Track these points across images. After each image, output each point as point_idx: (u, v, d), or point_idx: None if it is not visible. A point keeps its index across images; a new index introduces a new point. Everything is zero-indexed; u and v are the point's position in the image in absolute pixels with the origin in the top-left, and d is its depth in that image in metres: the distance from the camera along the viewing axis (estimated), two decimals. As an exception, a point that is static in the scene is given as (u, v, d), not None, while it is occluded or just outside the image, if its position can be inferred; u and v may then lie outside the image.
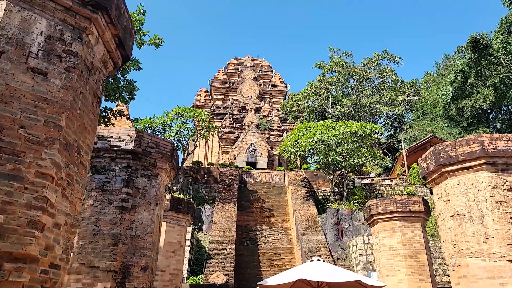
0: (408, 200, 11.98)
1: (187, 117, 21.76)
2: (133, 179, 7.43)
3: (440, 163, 8.00)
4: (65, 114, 3.62)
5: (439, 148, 8.13)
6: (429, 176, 8.49)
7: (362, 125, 19.32)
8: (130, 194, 7.28)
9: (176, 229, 11.91)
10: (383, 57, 35.04)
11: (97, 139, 7.45)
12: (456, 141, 7.95)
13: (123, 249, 6.91)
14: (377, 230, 12.30)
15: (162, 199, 8.14)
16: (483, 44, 21.87)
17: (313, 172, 25.12)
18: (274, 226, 21.14)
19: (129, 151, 7.40)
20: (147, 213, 7.47)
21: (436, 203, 8.41)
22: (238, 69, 46.79)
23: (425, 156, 8.69)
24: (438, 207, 8.31)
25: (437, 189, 8.40)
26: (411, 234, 11.67)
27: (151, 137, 7.74)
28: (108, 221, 7.03)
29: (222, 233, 18.33)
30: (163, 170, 7.96)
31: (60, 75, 3.70)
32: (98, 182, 7.31)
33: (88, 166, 4.18)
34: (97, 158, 7.46)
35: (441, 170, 8.04)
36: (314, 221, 19.13)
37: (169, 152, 7.95)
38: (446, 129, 29.79)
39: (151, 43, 26.41)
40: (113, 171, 7.41)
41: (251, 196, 23.23)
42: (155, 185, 7.77)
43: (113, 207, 7.14)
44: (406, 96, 32.28)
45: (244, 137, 33.11)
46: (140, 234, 7.23)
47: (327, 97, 35.93)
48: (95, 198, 7.20)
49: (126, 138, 7.47)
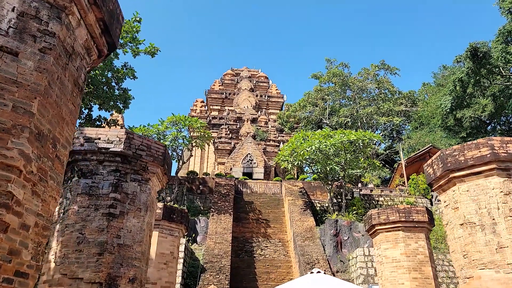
0: (411, 210, 11.53)
1: (182, 125, 21.32)
2: (122, 183, 6.94)
3: (447, 168, 7.58)
4: (37, 99, 3.18)
5: (446, 152, 7.72)
6: (436, 182, 8.06)
7: (361, 133, 18.95)
8: (119, 199, 6.79)
9: (169, 240, 11.35)
10: (380, 68, 34.94)
11: (84, 140, 6.98)
12: (464, 145, 7.56)
13: (110, 258, 6.39)
14: (379, 241, 11.81)
15: (153, 206, 7.64)
16: (482, 53, 21.72)
17: (311, 183, 24.64)
18: (271, 237, 20.56)
19: (118, 153, 6.92)
20: (137, 220, 6.96)
21: (444, 211, 7.96)
22: (235, 80, 46.62)
23: (431, 162, 8.26)
24: (446, 215, 7.86)
25: (444, 196, 7.96)
26: (415, 245, 11.19)
27: (142, 139, 7.27)
28: (94, 228, 6.52)
29: (217, 244, 17.73)
30: (155, 175, 7.48)
31: (34, 56, 3.27)
32: (84, 187, 6.81)
33: (65, 161, 3.71)
34: (84, 161, 6.98)
35: (449, 175, 7.62)
36: (312, 233, 18.58)
37: (161, 155, 7.48)
38: (444, 140, 29.54)
39: (147, 51, 26.12)
40: (101, 175, 6.92)
41: (247, 207, 22.68)
42: (145, 190, 7.28)
43: (100, 213, 6.64)
44: (404, 107, 32.06)
45: (240, 148, 32.67)
46: (129, 243, 6.71)
47: (324, 108, 35.68)
48: (80, 203, 6.70)
49: (115, 140, 7.00)
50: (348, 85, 34.52)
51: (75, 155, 6.98)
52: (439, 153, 7.91)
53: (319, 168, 19.80)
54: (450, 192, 7.77)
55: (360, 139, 18.63)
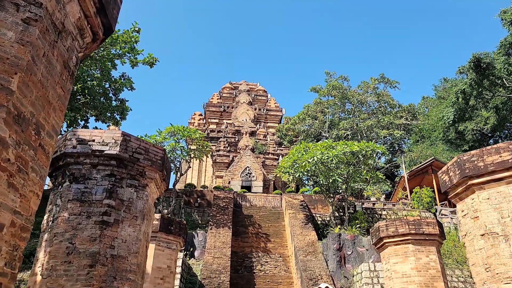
0: (422, 222, 11.00)
1: (180, 136, 20.82)
2: (117, 189, 6.41)
3: (465, 175, 7.09)
4: (18, 75, 2.71)
5: (463, 158, 7.25)
6: (452, 190, 7.57)
7: (364, 144, 18.50)
8: (113, 206, 6.25)
9: (166, 253, 10.74)
10: (379, 81, 34.77)
11: (76, 142, 6.48)
12: (483, 150, 7.10)
13: (102, 271, 5.81)
14: (387, 254, 11.23)
15: (150, 214, 7.10)
16: (485, 64, 21.52)
17: (311, 196, 24.06)
18: (271, 252, 19.87)
19: (113, 156, 6.42)
20: (132, 229, 6.41)
21: (462, 220, 7.45)
22: (233, 94, 46.42)
23: (446, 169, 7.78)
24: (465, 225, 7.34)
25: (462, 205, 7.46)
26: (426, 259, 10.61)
27: (139, 142, 6.77)
28: (86, 237, 5.96)
29: (215, 259, 17.04)
30: (152, 181, 6.96)
31: (16, 26, 2.81)
32: (76, 193, 6.28)
33: (51, 152, 3.20)
34: (76, 164, 6.46)
35: (467, 182, 7.13)
36: (314, 247, 17.93)
37: (159, 160, 6.98)
38: (446, 153, 29.16)
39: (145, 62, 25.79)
40: (94, 180, 6.40)
41: (247, 221, 22.02)
42: (142, 197, 6.75)
43: (92, 221, 6.09)
44: (404, 120, 31.76)
45: (238, 161, 32.14)
46: (123, 254, 6.15)
47: (324, 121, 35.35)
48: (71, 210, 6.15)
49: (110, 142, 6.50)
50: (347, 98, 34.27)
51: (67, 158, 6.47)
52: (456, 159, 7.44)
53: (321, 180, 19.26)
54: (468, 200, 7.27)
55: (364, 150, 18.17)
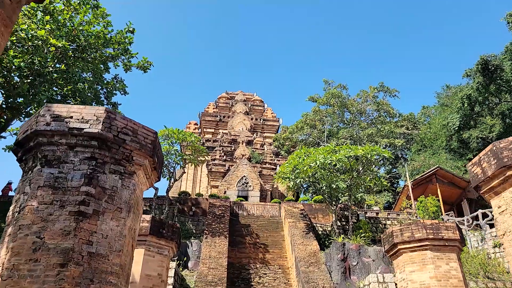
0: (440, 226, 10.01)
1: (175, 139, 19.79)
2: (97, 175, 5.37)
3: (503, 165, 6.16)
4: None
5: (500, 145, 6.32)
6: (486, 183, 6.61)
7: (370, 148, 17.57)
8: (92, 195, 5.21)
9: (157, 259, 9.62)
10: (379, 90, 34.13)
11: (51, 119, 5.46)
12: (524, 135, 6.21)
13: (76, 272, 4.74)
14: (402, 262, 10.19)
15: (138, 208, 6.04)
16: (493, 66, 20.84)
17: (312, 205, 22.98)
18: (270, 264, 18.67)
19: (94, 136, 5.40)
20: (115, 223, 5.36)
21: (498, 218, 6.47)
22: (229, 103, 45.67)
23: (478, 159, 6.83)
24: (502, 223, 6.36)
25: (498, 200, 6.49)
26: (446, 267, 9.58)
27: (126, 121, 5.77)
28: (57, 231, 4.90)
29: (211, 270, 15.85)
30: (141, 168, 5.93)
31: None
32: (48, 178, 5.23)
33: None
34: (50, 145, 5.43)
35: (506, 173, 6.19)
36: (317, 258, 16.79)
37: (150, 143, 5.97)
38: (450, 162, 28.29)
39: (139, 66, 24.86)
40: (71, 164, 5.36)
41: (244, 230, 20.85)
42: (128, 186, 5.71)
43: (67, 211, 5.03)
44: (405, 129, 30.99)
45: (235, 170, 31.06)
46: (103, 252, 5.08)
47: (322, 131, 34.50)
48: (41, 199, 5.10)
49: (91, 119, 5.50)
50: (346, 107, 33.51)
51: (38, 138, 5.42)
52: (491, 147, 6.51)
53: (323, 185, 18.22)
54: (507, 194, 6.31)
55: (369, 154, 17.22)
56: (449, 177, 24.36)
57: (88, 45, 21.94)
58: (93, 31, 21.47)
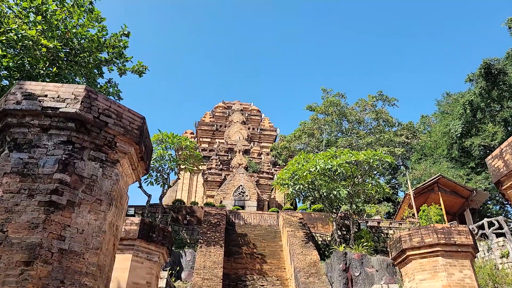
0: (452, 230, 9.33)
1: (169, 144, 19.10)
2: (74, 161, 4.68)
3: (531, 155, 5.53)
4: None
5: (526, 134, 5.72)
6: (509, 178, 5.97)
7: (371, 152, 16.95)
8: (67, 183, 4.51)
9: (146, 266, 8.84)
10: (377, 98, 33.72)
11: (22, 97, 4.79)
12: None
13: (44, 271, 4.02)
14: (411, 270, 9.47)
15: (121, 202, 5.35)
16: (497, 70, 20.42)
17: (311, 214, 22.22)
18: (268, 275, 17.83)
19: (71, 117, 4.73)
20: (93, 216, 4.65)
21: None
22: (226, 113, 45.15)
23: (500, 151, 6.18)
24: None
25: (525, 195, 5.85)
26: (460, 274, 8.86)
27: (109, 102, 5.11)
28: (23, 224, 4.20)
29: (205, 281, 15.01)
30: (126, 156, 5.25)
31: None
32: (16, 163, 4.54)
33: None
34: (20, 127, 4.76)
35: (533, 165, 5.56)
36: (317, 268, 16.00)
37: (136, 129, 5.30)
38: (452, 171, 27.69)
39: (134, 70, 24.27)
40: (44, 148, 4.68)
41: (240, 240, 20.03)
42: (111, 175, 5.02)
43: (36, 201, 4.33)
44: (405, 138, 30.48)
45: (231, 179, 30.32)
46: (77, 249, 4.36)
47: (320, 140, 33.92)
48: (7, 187, 4.39)
49: (69, 97, 4.84)
50: (345, 115, 33.02)
51: (7, 118, 4.74)
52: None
53: (323, 192, 17.51)
54: (535, 188, 5.66)
55: (370, 158, 16.59)
56: (451, 185, 23.75)
57: (82, 49, 21.40)
58: (86, 34, 20.96)
